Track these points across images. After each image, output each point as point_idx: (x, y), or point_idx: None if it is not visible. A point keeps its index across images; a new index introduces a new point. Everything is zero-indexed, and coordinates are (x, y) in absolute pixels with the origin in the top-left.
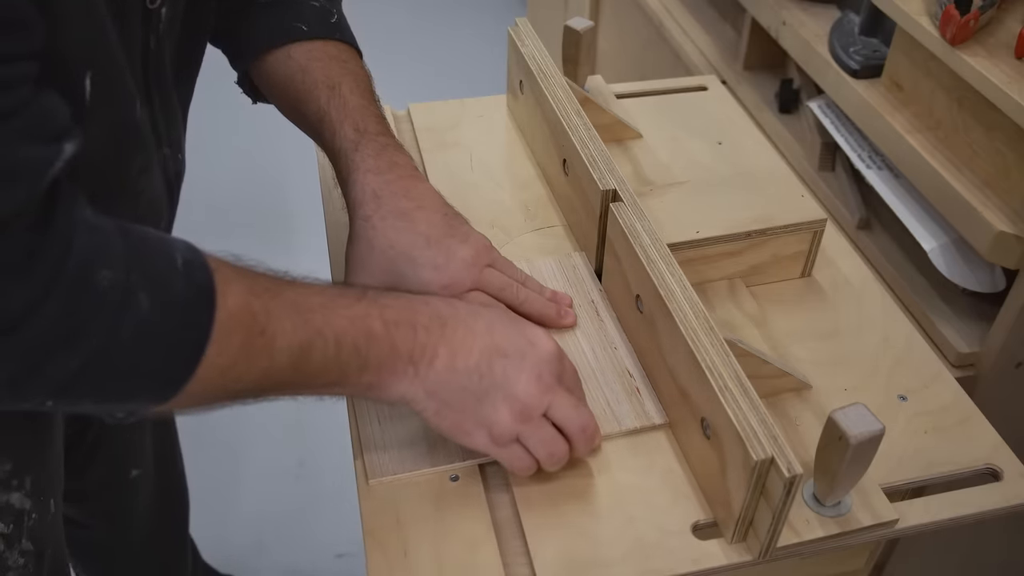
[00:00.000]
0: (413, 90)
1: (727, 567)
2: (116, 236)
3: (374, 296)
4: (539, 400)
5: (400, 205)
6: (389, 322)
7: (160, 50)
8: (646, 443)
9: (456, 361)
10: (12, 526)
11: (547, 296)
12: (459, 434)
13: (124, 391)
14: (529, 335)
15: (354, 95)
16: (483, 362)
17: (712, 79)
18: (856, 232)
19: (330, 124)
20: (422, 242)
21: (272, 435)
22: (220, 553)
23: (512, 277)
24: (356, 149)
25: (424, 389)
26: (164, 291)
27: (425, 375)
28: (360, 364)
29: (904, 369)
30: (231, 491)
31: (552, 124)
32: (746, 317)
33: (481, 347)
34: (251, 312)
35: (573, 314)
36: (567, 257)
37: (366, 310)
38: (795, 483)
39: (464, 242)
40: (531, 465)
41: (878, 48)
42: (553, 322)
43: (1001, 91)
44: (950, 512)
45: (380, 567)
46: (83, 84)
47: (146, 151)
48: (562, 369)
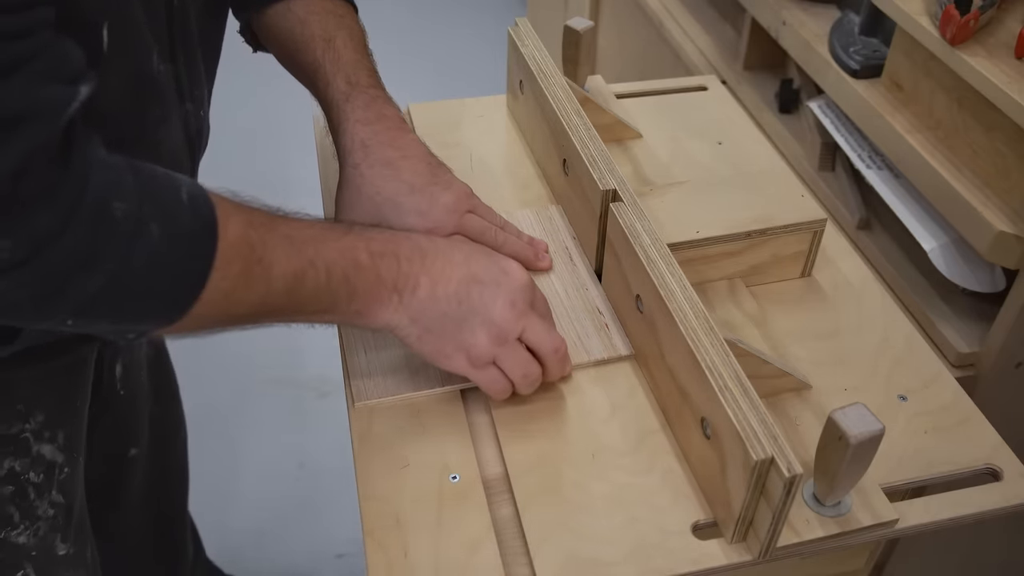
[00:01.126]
0: (413, 90)
1: (727, 567)
2: (128, 172)
3: (360, 230)
4: (514, 324)
5: (387, 154)
6: (375, 253)
7: (184, 7)
8: (647, 443)
9: (437, 289)
10: (43, 476)
11: (525, 240)
12: (440, 358)
13: (137, 313)
14: (503, 265)
15: (348, 49)
16: (461, 289)
17: (712, 79)
18: (856, 232)
19: (324, 76)
20: (406, 189)
21: (272, 436)
22: (220, 553)
23: (492, 222)
24: (347, 100)
25: (408, 316)
26: (172, 222)
27: (408, 303)
28: (349, 292)
29: (904, 369)
30: (231, 491)
31: (552, 124)
32: (746, 317)
33: (459, 276)
34: (249, 243)
35: (549, 258)
36: (544, 209)
37: (353, 242)
38: (795, 483)
39: (447, 189)
40: (506, 387)
41: (878, 48)
42: (530, 264)
43: (1001, 91)
44: (950, 512)
45: (380, 567)
46: (100, 34)
47: (164, 103)
48: (534, 297)
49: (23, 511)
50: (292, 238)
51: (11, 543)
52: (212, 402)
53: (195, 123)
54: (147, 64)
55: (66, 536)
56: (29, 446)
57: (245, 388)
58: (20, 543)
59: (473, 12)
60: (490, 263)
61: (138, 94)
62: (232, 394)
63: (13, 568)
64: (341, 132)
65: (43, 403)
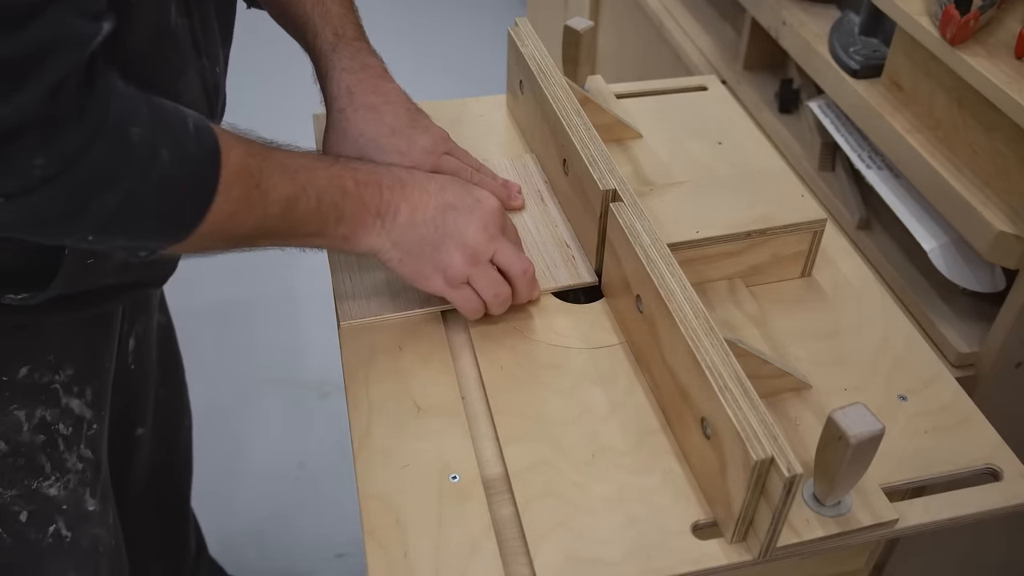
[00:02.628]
0: (413, 90)
1: (727, 567)
2: (142, 102)
3: (346, 161)
4: (486, 246)
5: (370, 100)
6: (360, 182)
7: None
8: (647, 443)
9: (416, 215)
10: (71, 429)
11: (499, 183)
12: (419, 279)
13: (150, 230)
14: (476, 194)
15: (335, 4)
16: (438, 215)
17: (712, 79)
18: (856, 232)
19: (312, 27)
20: (388, 131)
21: (273, 436)
22: (221, 553)
23: (467, 164)
24: (334, 51)
25: (390, 240)
26: (181, 148)
27: (390, 228)
28: (337, 217)
29: (904, 369)
30: (232, 491)
31: (552, 124)
32: (746, 317)
33: (436, 203)
34: (248, 169)
35: (521, 198)
36: (519, 157)
37: (340, 171)
38: (795, 483)
39: (425, 132)
40: (479, 307)
41: (878, 48)
42: (503, 202)
43: (1001, 91)
44: (950, 512)
45: (380, 567)
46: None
47: (182, 56)
48: (504, 223)
49: (54, 462)
50: (286, 166)
51: (43, 494)
52: (213, 401)
53: (212, 78)
54: (167, 16)
55: (95, 491)
56: (59, 397)
57: (246, 388)
58: (51, 495)
59: (473, 12)
60: (464, 192)
61: (160, 44)
62: (233, 394)
63: (46, 521)
64: (328, 79)
65: (73, 356)
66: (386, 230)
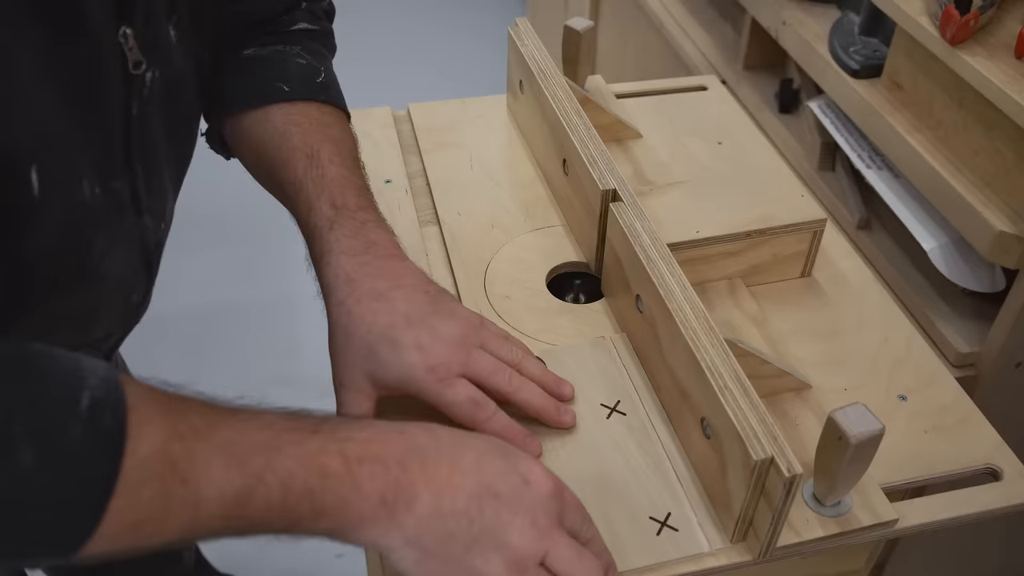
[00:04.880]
0: (413, 90)
1: (727, 567)
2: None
3: (333, 427)
4: (536, 547)
5: (376, 286)
6: (351, 458)
7: (145, 115)
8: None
9: (441, 503)
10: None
11: (550, 381)
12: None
13: (11, 551)
14: (523, 471)
15: (334, 164)
16: (472, 505)
17: (712, 79)
18: (856, 232)
19: (306, 198)
20: (402, 322)
21: None
22: (220, 553)
23: (505, 359)
24: (331, 228)
25: (403, 537)
26: (55, 441)
27: (403, 520)
28: (314, 510)
29: (904, 369)
30: None
31: (552, 124)
32: (746, 317)
33: (471, 487)
34: (169, 459)
35: (572, 413)
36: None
37: (322, 445)
38: (795, 483)
39: (450, 318)
40: None
41: (878, 48)
42: (550, 418)
43: (1001, 91)
44: (950, 512)
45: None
46: (29, 178)
47: (108, 231)
48: (562, 507)
49: None
50: (234, 447)
51: None
52: None
53: (154, 237)
54: (80, 194)
55: None
56: None
57: (245, 388)
58: None
59: (473, 12)
60: (507, 468)
61: (76, 229)
62: (232, 394)
63: None
64: (324, 264)
65: None
66: (397, 524)
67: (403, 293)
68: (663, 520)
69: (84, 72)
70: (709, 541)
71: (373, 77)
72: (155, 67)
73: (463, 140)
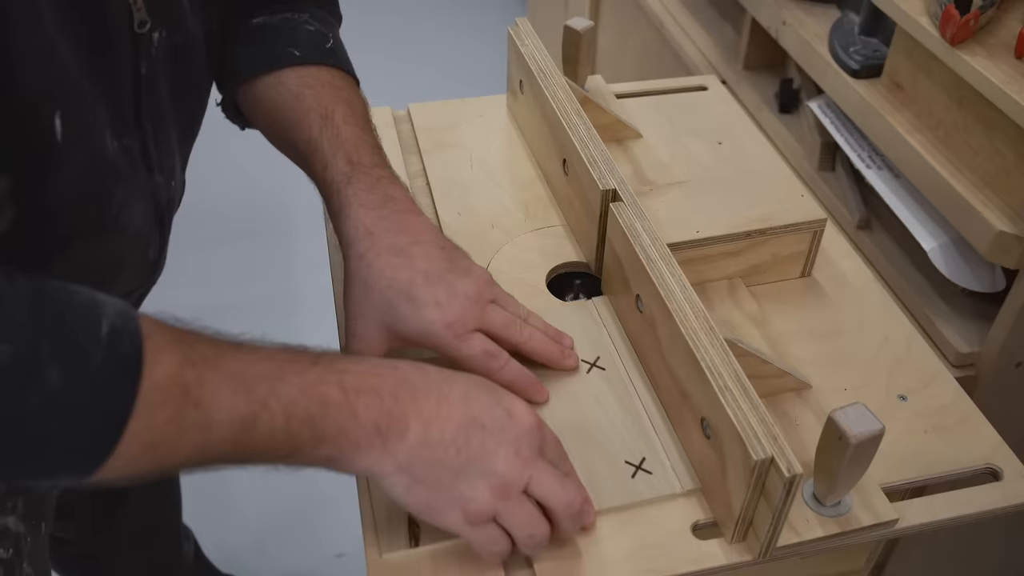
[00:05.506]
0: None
1: (727, 567)
2: (27, 304)
3: (331, 361)
4: (519, 474)
5: (396, 241)
6: (349, 389)
7: (153, 75)
8: None
9: (431, 433)
10: (12, 551)
11: (552, 334)
12: (430, 513)
13: (35, 468)
14: (507, 405)
15: (348, 124)
16: (460, 435)
17: (712, 79)
18: (856, 232)
19: (322, 156)
20: (421, 279)
21: None
22: (220, 553)
23: (514, 313)
24: (349, 183)
25: (395, 464)
26: (79, 364)
27: (395, 448)
28: (315, 436)
29: (904, 369)
30: (231, 491)
31: (552, 124)
32: (746, 317)
33: (459, 418)
34: (183, 384)
35: (576, 356)
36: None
37: (321, 375)
38: (795, 483)
39: (465, 276)
40: (505, 550)
41: (878, 48)
42: (557, 362)
43: (1001, 91)
44: (950, 512)
45: (380, 567)
46: (53, 124)
47: (126, 183)
48: (543, 440)
49: None
50: (241, 375)
51: None
52: None
53: (165, 194)
54: (102, 144)
55: None
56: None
57: None
58: None
59: (473, 12)
60: (492, 402)
61: (97, 179)
62: None
63: None
64: (343, 219)
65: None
66: (389, 451)
67: (421, 249)
68: (638, 464)
69: (95, 27)
70: (681, 483)
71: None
72: (162, 28)
73: (463, 140)
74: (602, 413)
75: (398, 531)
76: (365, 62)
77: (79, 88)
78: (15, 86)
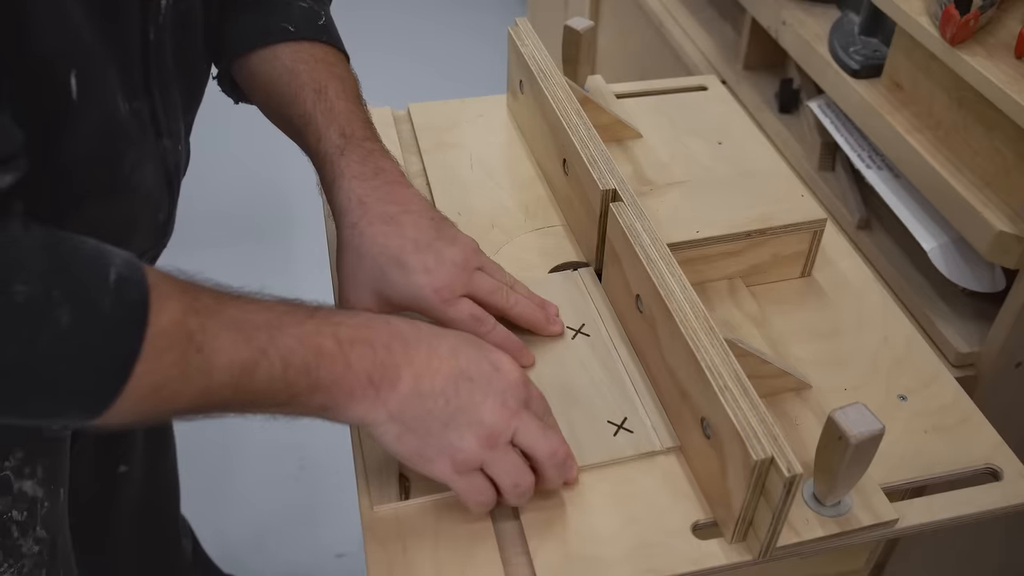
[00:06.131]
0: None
1: (727, 567)
2: (41, 250)
3: (327, 313)
4: (506, 424)
5: (386, 210)
6: (343, 340)
7: (160, 41)
8: None
9: (421, 384)
10: (26, 513)
11: (536, 303)
12: (419, 460)
13: (47, 406)
14: (494, 359)
15: (341, 99)
16: (449, 386)
17: (712, 79)
18: (856, 232)
19: (315, 129)
20: (411, 246)
21: (273, 435)
22: (220, 553)
23: (501, 280)
24: (341, 155)
25: (387, 412)
26: (89, 307)
27: (387, 398)
28: (310, 384)
29: (904, 369)
30: (231, 491)
31: (552, 124)
32: (746, 317)
33: (447, 370)
34: (187, 330)
35: (561, 323)
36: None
37: (317, 327)
38: (795, 483)
39: (453, 244)
40: (491, 499)
41: (878, 48)
42: (542, 327)
43: (1001, 91)
44: (950, 512)
45: (380, 567)
46: (68, 83)
47: (137, 146)
48: (528, 394)
49: (7, 550)
50: (241, 324)
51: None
52: None
53: (173, 158)
54: (115, 106)
55: (52, 571)
56: (11, 484)
57: None
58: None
59: (473, 12)
60: (479, 356)
61: (110, 139)
62: None
63: None
64: (336, 189)
65: (21, 438)
66: (382, 401)
67: (411, 218)
68: (620, 423)
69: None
70: (660, 441)
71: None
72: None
73: (463, 140)
74: (586, 376)
75: (389, 485)
76: (365, 62)
77: (93, 51)
78: (32, 46)
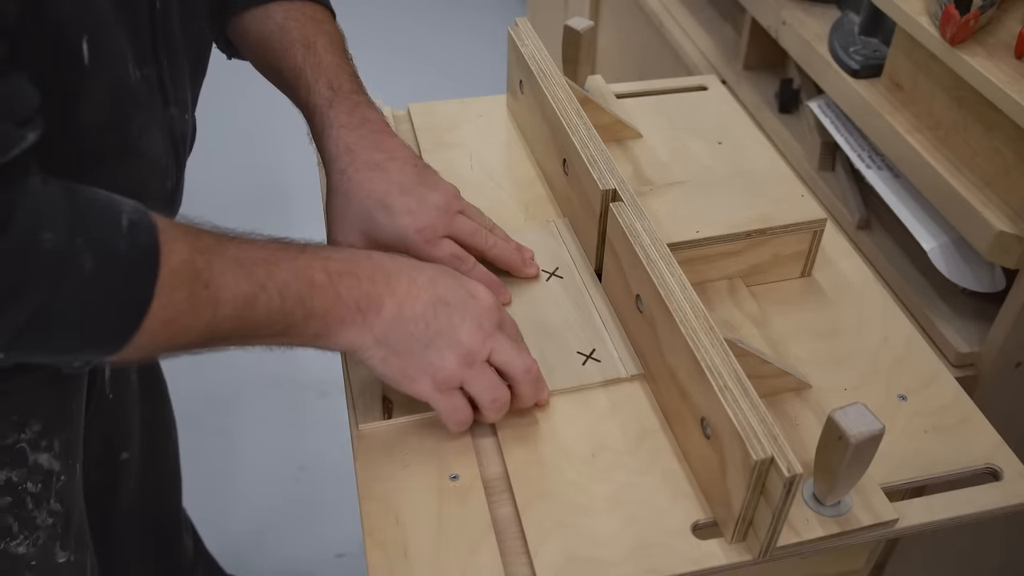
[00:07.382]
0: (413, 90)
1: (727, 567)
2: (61, 201)
3: (316, 249)
4: (482, 345)
5: (373, 157)
6: (333, 273)
7: (167, 9)
8: (647, 443)
9: (403, 310)
10: (41, 486)
11: (513, 246)
12: (403, 380)
13: (73, 343)
14: (469, 287)
15: (329, 53)
16: (428, 311)
17: (712, 79)
18: (856, 232)
19: (305, 81)
20: (396, 190)
21: (273, 436)
22: (221, 553)
23: (480, 224)
24: (330, 106)
25: (373, 337)
26: (107, 251)
27: (373, 323)
28: (305, 313)
29: (904, 369)
30: (232, 491)
31: (552, 124)
32: (746, 317)
33: (426, 297)
34: (194, 268)
35: (536, 266)
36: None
37: (309, 262)
38: (795, 483)
39: (435, 189)
40: (468, 417)
41: (878, 48)
42: (518, 269)
43: (1001, 91)
44: (950, 512)
45: (380, 567)
46: (80, 48)
47: (146, 112)
48: (502, 318)
49: (22, 521)
50: (241, 260)
51: (10, 554)
52: (212, 402)
53: (180, 127)
54: (125, 72)
55: (66, 544)
56: (26, 456)
57: (245, 388)
58: (19, 553)
59: (473, 12)
60: (456, 285)
61: (119, 104)
62: (232, 394)
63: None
64: (326, 138)
65: (39, 411)
66: (368, 326)
67: (396, 165)
68: (588, 354)
69: None
70: (626, 369)
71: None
72: None
73: (463, 140)
74: (558, 312)
75: (373, 405)
76: (365, 62)
77: (104, 18)
78: (46, 11)
